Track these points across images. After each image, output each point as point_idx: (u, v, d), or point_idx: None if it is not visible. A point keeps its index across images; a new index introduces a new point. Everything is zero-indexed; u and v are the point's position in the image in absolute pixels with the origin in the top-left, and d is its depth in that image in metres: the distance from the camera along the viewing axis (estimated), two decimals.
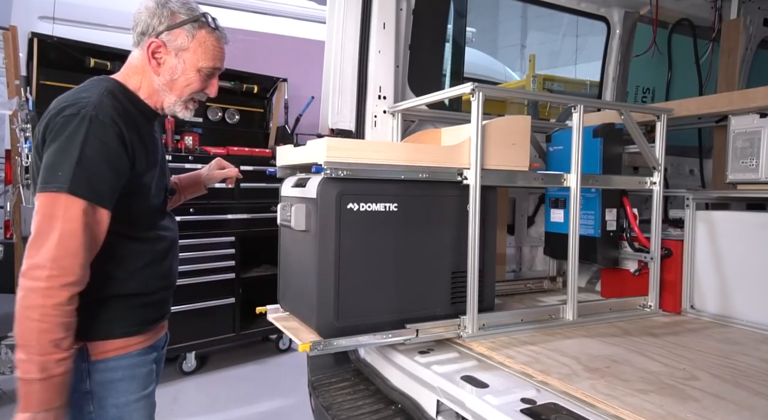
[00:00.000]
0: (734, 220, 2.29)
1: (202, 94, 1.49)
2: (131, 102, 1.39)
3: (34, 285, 1.16)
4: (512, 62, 11.85)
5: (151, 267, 1.43)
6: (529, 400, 1.46)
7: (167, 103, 1.45)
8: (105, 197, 1.25)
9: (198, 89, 1.46)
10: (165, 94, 1.44)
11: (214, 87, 1.50)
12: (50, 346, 1.17)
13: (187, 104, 1.48)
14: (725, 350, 1.86)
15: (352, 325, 1.73)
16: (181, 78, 1.42)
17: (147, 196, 1.40)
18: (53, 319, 1.17)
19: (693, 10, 3.34)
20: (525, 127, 2.03)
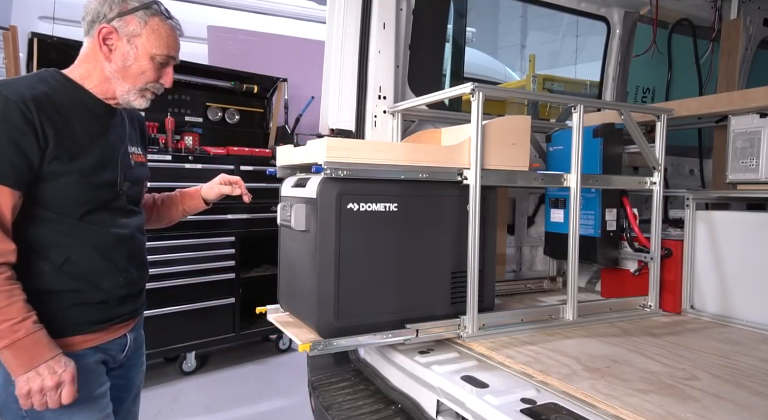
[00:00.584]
0: (734, 220, 2.29)
1: (158, 85, 1.45)
2: (68, 90, 1.36)
3: None
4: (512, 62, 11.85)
5: (89, 262, 1.38)
6: (529, 400, 1.46)
7: (120, 92, 1.40)
8: (5, 173, 1.23)
9: (152, 78, 1.42)
10: (117, 83, 1.40)
11: (169, 76, 1.46)
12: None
13: (143, 93, 1.43)
14: (725, 350, 1.86)
15: (352, 325, 1.73)
16: (134, 65, 1.38)
17: (77, 187, 1.34)
18: None
19: (693, 10, 3.34)
20: (525, 127, 2.03)
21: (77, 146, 1.33)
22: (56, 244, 1.34)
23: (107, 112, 1.44)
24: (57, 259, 1.34)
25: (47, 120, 1.28)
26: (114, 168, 1.42)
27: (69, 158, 1.31)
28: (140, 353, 1.68)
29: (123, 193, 1.45)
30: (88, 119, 1.38)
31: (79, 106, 1.37)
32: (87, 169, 1.34)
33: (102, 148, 1.39)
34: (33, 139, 1.25)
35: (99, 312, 1.42)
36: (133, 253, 1.50)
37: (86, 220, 1.37)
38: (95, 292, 1.41)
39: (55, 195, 1.32)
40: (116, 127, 1.47)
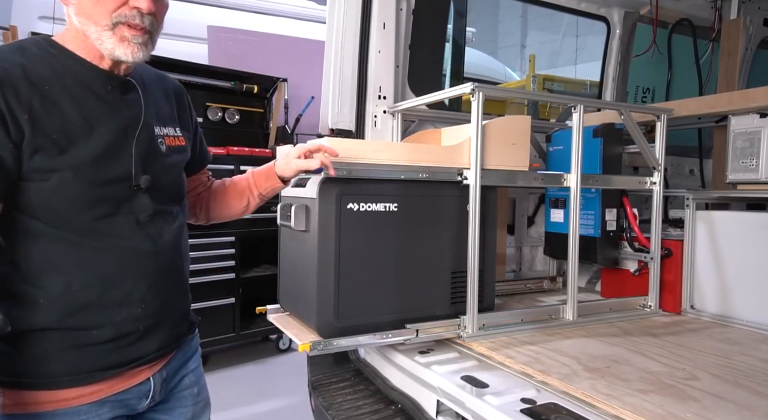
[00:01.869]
0: (734, 220, 2.29)
1: (127, 11, 1.03)
2: (54, 59, 1.04)
3: None
4: (512, 62, 11.85)
5: (94, 290, 1.05)
6: (529, 400, 1.46)
7: (95, 41, 1.03)
8: None
9: (114, 3, 1.02)
10: (88, 30, 1.03)
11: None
12: None
13: (118, 32, 1.03)
14: (725, 350, 1.86)
15: (352, 325, 1.73)
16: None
17: (73, 187, 1.01)
18: None
19: (693, 10, 3.34)
20: (525, 127, 2.03)
21: (67, 133, 1.00)
22: (52, 268, 1.02)
23: (113, 84, 1.09)
24: (53, 287, 1.02)
25: (18, 101, 0.95)
26: (126, 158, 1.08)
27: (57, 149, 0.99)
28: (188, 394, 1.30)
29: (142, 190, 1.10)
30: (83, 96, 1.05)
31: (69, 79, 1.03)
32: (84, 163, 1.02)
33: (105, 133, 1.05)
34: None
35: (109, 355, 1.08)
36: (161, 273, 1.14)
37: (92, 231, 1.05)
38: (104, 330, 1.07)
39: (45, 200, 1.00)
40: (128, 102, 1.11)
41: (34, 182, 0.99)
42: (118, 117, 1.09)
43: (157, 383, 1.19)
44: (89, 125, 1.04)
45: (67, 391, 1.04)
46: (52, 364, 1.03)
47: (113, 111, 1.08)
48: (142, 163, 1.11)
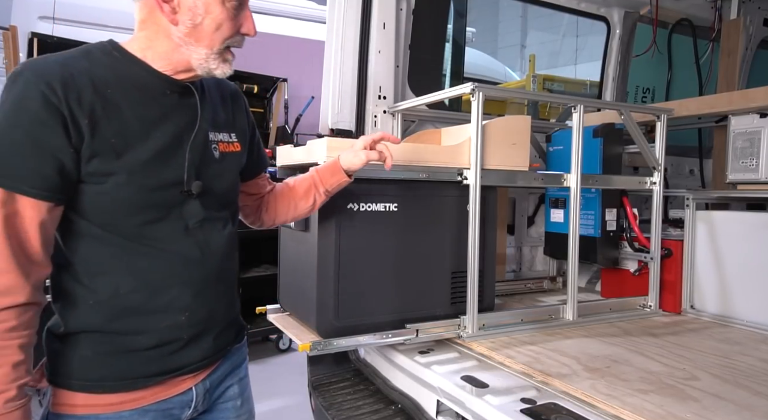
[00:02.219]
0: (734, 220, 2.29)
1: (238, 38, 1.09)
2: (118, 64, 1.05)
3: None
4: (512, 62, 11.86)
5: (140, 294, 1.05)
6: (529, 400, 1.46)
7: (197, 60, 1.06)
8: (21, 179, 0.92)
9: (231, 31, 1.06)
10: (191, 50, 1.05)
11: (250, 21, 1.09)
12: None
13: (224, 55, 1.08)
14: (725, 350, 1.86)
15: (351, 325, 1.73)
16: (206, 20, 1.03)
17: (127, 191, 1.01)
18: None
19: (693, 10, 3.34)
20: (525, 127, 2.03)
21: (125, 137, 1.01)
22: (103, 271, 1.03)
23: (172, 89, 1.09)
24: (103, 290, 1.02)
25: (80, 104, 0.96)
26: (179, 163, 1.07)
27: (114, 154, 0.99)
28: (231, 405, 1.28)
29: (193, 195, 1.09)
30: (141, 100, 1.05)
31: (129, 83, 1.04)
32: (139, 167, 1.02)
33: (161, 138, 1.05)
34: (60, 132, 0.94)
35: (151, 363, 1.07)
36: (207, 281, 1.13)
37: (140, 236, 1.04)
38: (147, 336, 1.06)
39: (99, 203, 1.01)
40: (185, 107, 1.11)
41: (91, 185, 0.99)
42: (174, 122, 1.08)
43: (200, 393, 1.17)
44: (145, 129, 1.04)
45: (110, 396, 1.04)
46: (98, 367, 1.04)
47: (169, 116, 1.08)
48: (195, 169, 1.10)
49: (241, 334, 1.31)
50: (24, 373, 0.95)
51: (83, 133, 0.96)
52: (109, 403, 1.04)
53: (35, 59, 1.00)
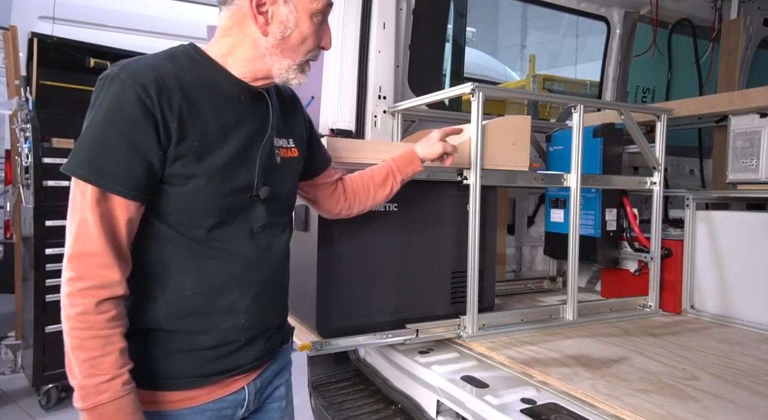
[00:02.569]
0: (734, 220, 2.29)
1: (317, 51, 1.13)
2: (200, 68, 1.08)
3: (62, 291, 0.96)
4: (512, 62, 11.85)
5: (205, 296, 1.08)
6: (529, 400, 1.46)
7: (278, 70, 1.09)
8: (115, 179, 0.95)
9: (314, 45, 1.11)
10: (274, 60, 1.09)
11: (329, 36, 1.14)
12: (86, 366, 0.94)
13: (303, 67, 1.13)
14: (725, 350, 1.86)
15: (352, 325, 1.73)
16: (294, 32, 1.06)
17: (204, 195, 1.04)
18: (81, 333, 0.94)
19: (693, 10, 3.34)
20: (525, 127, 2.03)
21: (206, 141, 1.03)
22: (173, 271, 1.05)
23: (247, 95, 1.12)
24: (172, 289, 1.06)
25: (170, 108, 0.99)
26: (250, 168, 1.10)
27: (196, 157, 1.02)
28: (277, 407, 1.30)
29: (260, 200, 1.12)
30: (219, 105, 1.07)
31: (211, 89, 1.07)
32: (217, 171, 1.04)
33: (235, 143, 1.08)
34: (152, 134, 0.97)
35: (209, 362, 1.10)
36: (265, 284, 1.15)
37: (209, 238, 1.07)
38: (208, 336, 1.09)
39: (177, 205, 1.03)
40: (257, 113, 1.14)
41: (171, 186, 1.02)
42: (247, 127, 1.11)
43: (252, 392, 1.19)
44: (223, 134, 1.06)
45: (171, 394, 1.07)
46: (160, 365, 1.07)
47: (243, 121, 1.10)
48: (263, 174, 1.13)
49: (287, 337, 1.34)
50: (128, 359, 0.99)
51: (171, 136, 0.99)
52: (169, 401, 1.07)
53: (129, 61, 1.02)
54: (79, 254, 0.95)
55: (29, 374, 3.26)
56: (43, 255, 3.07)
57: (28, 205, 3.28)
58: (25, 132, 3.26)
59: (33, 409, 3.24)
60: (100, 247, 0.95)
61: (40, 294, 3.07)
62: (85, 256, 0.95)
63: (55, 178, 3.16)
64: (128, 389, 0.97)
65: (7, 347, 3.84)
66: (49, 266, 3.05)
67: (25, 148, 3.26)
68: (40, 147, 3.16)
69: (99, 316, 0.95)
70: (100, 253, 0.95)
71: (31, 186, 3.19)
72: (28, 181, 3.26)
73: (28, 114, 3.29)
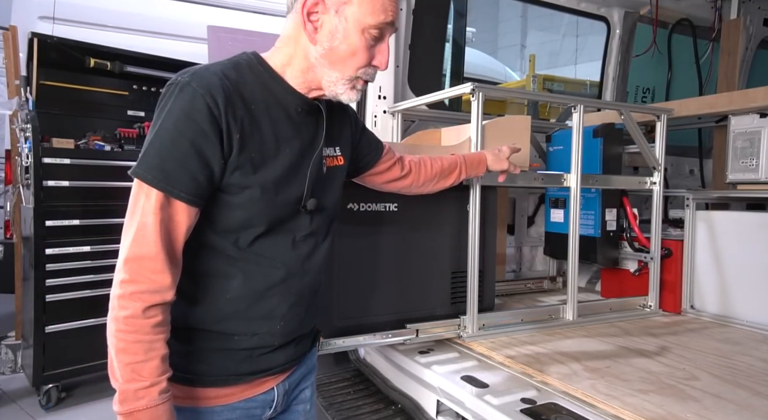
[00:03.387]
0: (734, 220, 2.29)
1: (371, 70, 1.09)
2: (262, 80, 1.08)
3: (112, 292, 0.97)
4: (512, 62, 11.85)
5: (246, 301, 1.09)
6: (529, 400, 1.46)
7: (327, 82, 1.08)
8: (181, 185, 0.97)
9: (365, 61, 1.07)
10: (323, 71, 1.07)
11: (384, 55, 1.09)
12: (127, 370, 0.95)
13: (354, 83, 1.09)
14: (725, 350, 1.86)
15: (352, 325, 1.73)
16: (342, 45, 1.05)
17: (257, 206, 1.05)
18: (127, 336, 0.95)
19: (693, 10, 3.34)
20: (525, 127, 2.03)
21: (263, 153, 1.04)
22: (219, 275, 1.08)
23: (303, 107, 1.12)
24: (216, 293, 1.08)
25: (234, 119, 1.00)
26: (301, 180, 1.11)
27: (252, 168, 1.03)
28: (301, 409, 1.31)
29: (306, 212, 1.13)
30: (278, 117, 1.08)
31: (270, 100, 1.07)
32: (270, 182, 1.05)
33: (289, 155, 1.08)
34: (217, 144, 0.98)
35: (243, 362, 1.12)
36: (301, 294, 1.16)
37: (254, 246, 1.08)
38: (245, 339, 1.11)
39: (228, 213, 1.04)
40: (311, 125, 1.14)
41: (227, 195, 1.03)
42: (301, 139, 1.11)
43: (280, 393, 1.21)
44: (278, 146, 1.07)
45: (207, 390, 1.09)
46: (198, 362, 1.09)
47: (298, 133, 1.11)
48: (311, 186, 1.12)
49: (316, 340, 1.35)
50: (168, 367, 1.00)
51: (233, 146, 1.00)
52: (204, 397, 1.09)
53: (199, 69, 1.03)
54: (135, 258, 0.96)
55: (29, 374, 3.25)
56: (43, 255, 3.07)
57: (28, 205, 3.28)
58: (25, 132, 3.25)
59: (33, 409, 3.23)
60: (155, 252, 0.96)
61: (40, 294, 3.07)
62: (140, 260, 0.95)
63: (55, 178, 3.16)
64: (165, 398, 0.97)
65: (7, 347, 3.84)
66: (49, 266, 3.05)
67: (25, 148, 3.25)
68: (40, 147, 3.15)
69: (146, 321, 0.96)
70: (155, 257, 0.96)
71: (31, 186, 3.18)
72: (28, 181, 3.26)
73: (28, 114, 3.29)
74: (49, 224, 3.10)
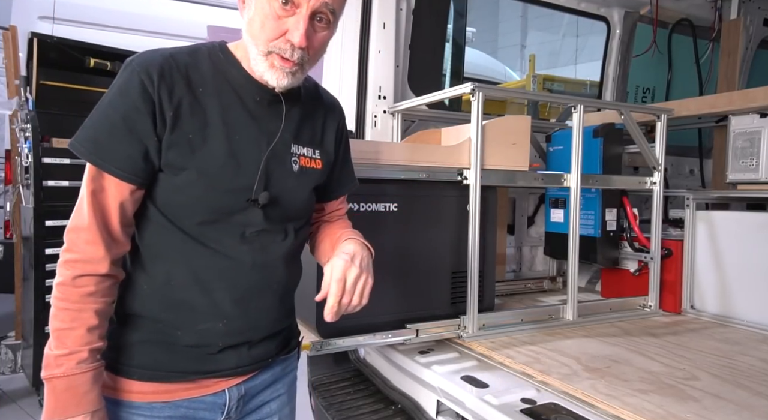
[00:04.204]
0: (734, 220, 2.29)
1: (283, 44, 1.01)
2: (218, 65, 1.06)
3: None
4: (512, 62, 11.84)
5: (188, 292, 1.05)
6: (529, 400, 1.46)
7: (252, 61, 1.04)
8: (113, 160, 0.97)
9: (274, 33, 1.00)
10: (249, 49, 1.04)
11: (299, 30, 0.99)
12: (54, 336, 0.97)
13: (271, 60, 1.02)
14: (725, 350, 1.86)
15: (352, 325, 1.73)
16: (255, 16, 1.01)
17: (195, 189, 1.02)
18: (57, 303, 0.97)
19: (693, 10, 3.34)
20: (525, 127, 2.03)
21: (204, 136, 1.01)
22: (162, 258, 1.05)
23: (262, 96, 1.08)
24: (159, 276, 1.05)
25: (170, 96, 0.99)
26: (251, 171, 1.06)
27: (190, 149, 1.00)
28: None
29: (258, 205, 1.06)
30: (231, 104, 1.05)
31: (225, 86, 1.05)
32: (211, 167, 1.02)
33: (239, 142, 1.05)
34: (149, 119, 0.98)
35: (186, 360, 1.07)
36: (253, 289, 1.09)
37: (200, 234, 1.04)
38: (187, 334, 1.06)
39: (169, 195, 1.03)
40: (272, 116, 1.10)
41: (167, 175, 1.02)
42: (258, 129, 1.08)
43: (233, 398, 1.13)
44: (227, 132, 1.04)
45: (144, 385, 1.05)
46: (138, 354, 1.06)
47: (254, 122, 1.07)
48: (266, 178, 1.08)
49: (289, 347, 1.25)
50: (97, 338, 0.99)
51: (166, 123, 0.99)
52: (142, 391, 1.05)
53: (148, 51, 1.04)
54: (72, 228, 0.98)
55: (29, 374, 3.26)
56: (43, 255, 3.07)
57: (28, 205, 3.28)
58: (25, 132, 3.26)
59: (33, 409, 3.24)
60: (88, 223, 0.97)
61: (40, 294, 3.07)
62: (76, 230, 0.98)
63: (55, 178, 3.16)
64: (84, 368, 0.96)
65: (7, 347, 3.84)
66: (49, 266, 3.05)
67: (25, 148, 3.26)
68: (40, 147, 3.16)
69: (75, 289, 0.97)
70: (87, 228, 0.97)
71: (31, 186, 3.19)
72: (28, 181, 3.26)
73: (28, 114, 3.29)
74: (49, 224, 3.11)
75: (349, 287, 1.06)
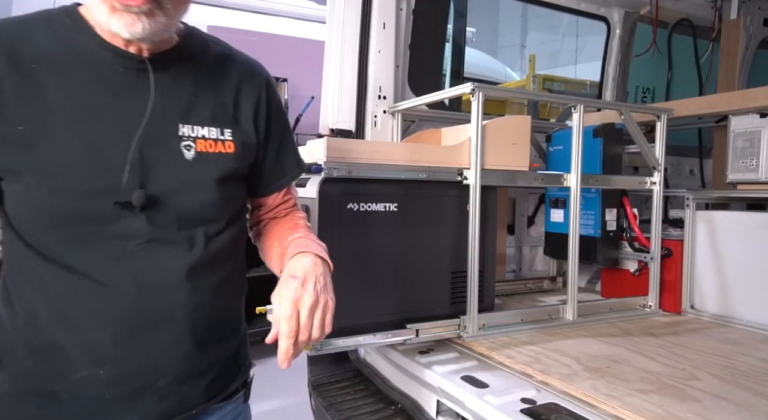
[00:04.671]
0: (734, 220, 2.29)
1: None
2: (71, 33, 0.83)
3: None
4: (512, 62, 11.85)
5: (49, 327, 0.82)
6: (529, 400, 1.46)
7: (96, 16, 0.80)
8: None
9: None
10: (89, 1, 0.81)
11: None
12: None
13: (111, 3, 0.76)
14: (725, 350, 1.86)
15: (351, 325, 1.73)
16: None
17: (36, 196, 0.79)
18: None
19: (693, 10, 3.34)
20: (525, 127, 2.03)
21: (41, 126, 0.78)
22: (22, 290, 0.83)
23: (126, 65, 0.84)
24: (20, 313, 0.83)
25: None
26: (117, 164, 0.81)
27: (23, 146, 0.77)
28: None
29: (134, 208, 0.82)
30: (82, 80, 0.82)
31: (72, 57, 0.82)
32: (55, 165, 0.79)
33: (95, 129, 0.81)
34: None
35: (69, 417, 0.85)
36: (140, 324, 0.85)
37: (59, 254, 0.81)
38: (61, 385, 0.83)
39: (16, 208, 0.81)
40: (143, 90, 0.85)
41: (6, 183, 0.81)
42: (122, 108, 0.83)
43: None
44: (77, 118, 0.80)
45: None
46: (9, 411, 0.85)
47: (116, 101, 0.83)
48: (141, 173, 0.83)
49: (225, 390, 1.00)
50: None
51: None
52: None
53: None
54: None
55: None
56: None
57: None
58: None
59: None
60: None
61: None
62: None
63: None
64: None
65: None
66: None
67: None
68: None
69: None
70: None
71: None
72: None
73: None
74: None
75: (305, 322, 0.85)
